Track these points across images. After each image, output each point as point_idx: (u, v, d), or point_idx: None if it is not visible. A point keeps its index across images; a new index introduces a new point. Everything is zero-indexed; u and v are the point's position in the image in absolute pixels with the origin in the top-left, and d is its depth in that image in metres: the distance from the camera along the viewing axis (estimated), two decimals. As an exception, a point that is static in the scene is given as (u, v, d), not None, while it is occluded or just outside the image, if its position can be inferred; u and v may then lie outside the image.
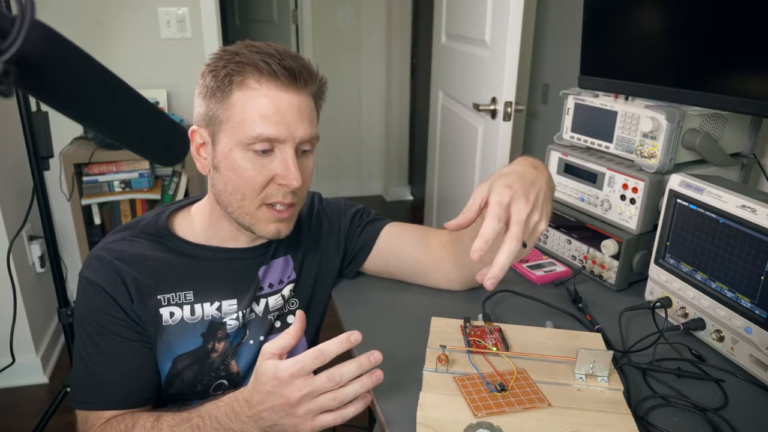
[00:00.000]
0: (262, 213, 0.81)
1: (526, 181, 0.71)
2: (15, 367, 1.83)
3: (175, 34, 2.26)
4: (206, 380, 0.87)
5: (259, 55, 0.76)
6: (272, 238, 0.84)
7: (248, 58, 0.76)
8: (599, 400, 0.68)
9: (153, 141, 0.69)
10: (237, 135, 0.77)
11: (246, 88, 0.76)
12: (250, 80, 0.76)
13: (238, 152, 0.78)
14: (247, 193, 0.79)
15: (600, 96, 1.09)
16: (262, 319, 0.91)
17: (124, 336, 0.81)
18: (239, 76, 0.76)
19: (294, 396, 0.65)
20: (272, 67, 0.75)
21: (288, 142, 0.77)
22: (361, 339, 0.66)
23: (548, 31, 2.31)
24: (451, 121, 2.25)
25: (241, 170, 0.78)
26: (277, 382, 0.65)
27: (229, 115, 0.77)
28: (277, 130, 0.76)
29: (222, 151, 0.79)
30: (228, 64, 0.76)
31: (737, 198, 0.78)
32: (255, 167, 0.78)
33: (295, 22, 3.63)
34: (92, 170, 2.05)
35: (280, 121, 0.76)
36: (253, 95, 0.76)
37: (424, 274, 0.98)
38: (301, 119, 0.77)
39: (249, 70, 0.76)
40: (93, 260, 0.82)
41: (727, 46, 0.89)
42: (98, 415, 0.80)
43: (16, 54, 0.38)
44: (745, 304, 0.77)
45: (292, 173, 0.77)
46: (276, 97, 0.76)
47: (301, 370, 0.65)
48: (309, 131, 0.79)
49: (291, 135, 0.77)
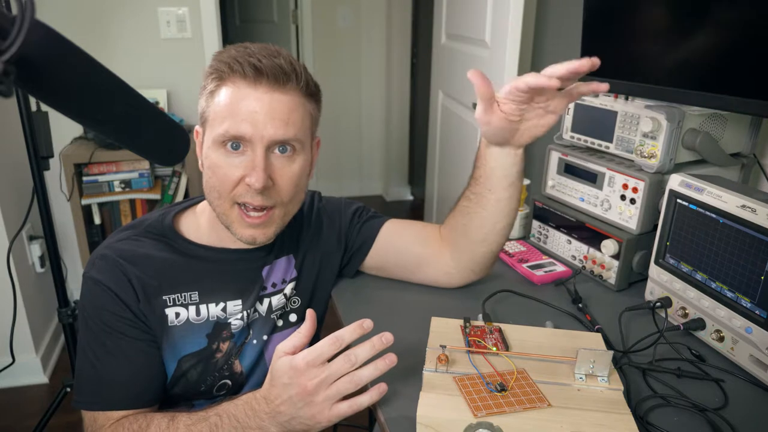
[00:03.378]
0: (235, 213, 0.81)
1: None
2: (15, 367, 1.83)
3: (175, 34, 2.26)
4: (210, 380, 0.87)
5: (237, 54, 0.76)
6: (248, 243, 0.83)
7: (227, 58, 0.77)
8: (599, 400, 0.68)
9: (153, 141, 0.69)
10: (212, 132, 0.78)
11: (223, 86, 0.77)
12: (228, 79, 0.77)
13: (213, 149, 0.79)
14: (222, 191, 0.80)
15: (600, 96, 1.09)
16: (265, 319, 0.91)
17: (130, 335, 0.81)
18: (219, 74, 0.77)
19: (311, 383, 0.66)
20: (242, 66, 0.75)
21: (256, 141, 0.76)
22: (372, 326, 0.68)
23: (548, 31, 2.31)
24: (451, 121, 2.25)
25: (215, 167, 0.79)
26: (293, 372, 0.67)
27: (209, 113, 0.79)
28: (243, 127, 0.75)
29: (205, 149, 0.81)
30: (213, 63, 0.78)
31: (737, 198, 0.78)
32: (227, 164, 0.78)
33: (295, 22, 3.62)
34: (92, 170, 2.05)
35: (247, 119, 0.75)
36: (227, 93, 0.77)
37: (423, 268, 0.98)
38: (272, 119, 0.76)
39: (224, 68, 0.76)
40: (98, 259, 0.82)
41: (727, 46, 0.89)
42: (107, 416, 0.80)
43: (16, 54, 0.38)
44: (745, 304, 0.77)
45: (255, 173, 0.76)
46: (247, 95, 0.76)
47: (318, 358, 0.67)
48: (282, 132, 0.77)
49: (258, 134, 0.76)
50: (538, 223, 1.20)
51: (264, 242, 0.83)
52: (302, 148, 0.81)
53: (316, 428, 0.70)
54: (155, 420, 0.77)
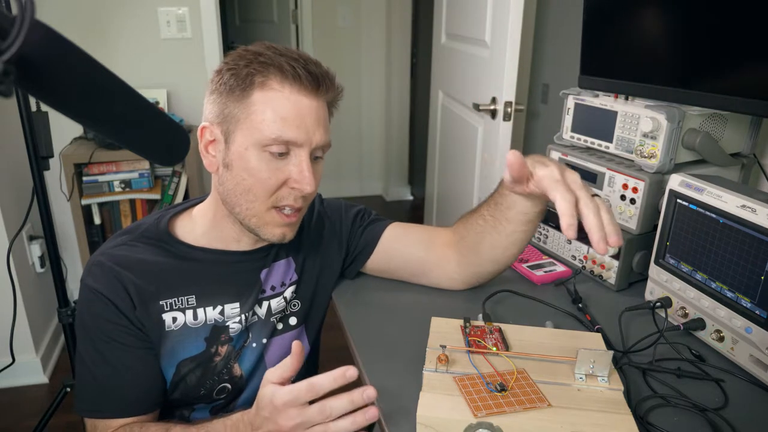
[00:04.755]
0: (271, 216, 0.81)
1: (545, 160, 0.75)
2: (15, 367, 1.82)
3: (175, 34, 2.26)
4: (210, 384, 0.87)
5: (284, 57, 0.76)
6: (277, 242, 0.84)
7: (272, 60, 0.75)
8: (599, 400, 0.68)
9: (153, 141, 0.68)
10: (255, 135, 0.76)
11: (268, 89, 0.75)
12: (273, 81, 0.75)
13: (253, 152, 0.77)
14: (259, 194, 0.79)
15: (600, 96, 1.09)
16: (264, 322, 0.91)
17: (127, 343, 0.81)
18: (261, 76, 0.75)
19: (287, 425, 0.66)
20: (297, 70, 0.74)
21: (305, 146, 0.77)
22: (356, 376, 0.66)
23: (548, 31, 2.31)
24: (451, 121, 2.25)
25: (254, 171, 0.77)
26: (273, 408, 0.67)
27: (247, 114, 0.76)
28: (296, 133, 0.76)
29: (237, 150, 0.78)
30: (251, 63, 0.76)
31: (737, 198, 0.78)
32: (269, 169, 0.77)
33: (295, 22, 3.63)
34: (92, 170, 2.05)
35: (300, 125, 0.76)
36: (275, 96, 0.75)
37: (427, 272, 0.98)
38: (318, 125, 0.78)
39: (273, 71, 0.75)
40: (94, 266, 0.82)
41: (727, 45, 0.89)
42: (106, 424, 0.81)
43: (16, 54, 0.38)
44: (745, 304, 0.77)
45: (306, 178, 0.77)
46: (298, 100, 0.76)
47: (294, 401, 0.65)
48: (325, 138, 0.79)
49: (308, 140, 0.77)
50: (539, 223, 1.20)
51: (291, 238, 0.85)
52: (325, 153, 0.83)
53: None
54: (150, 430, 0.78)
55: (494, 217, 0.87)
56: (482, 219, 0.89)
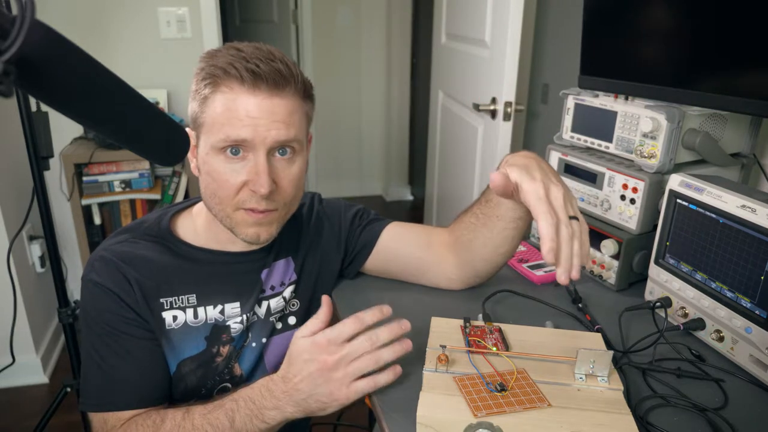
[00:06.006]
0: (240, 216, 0.80)
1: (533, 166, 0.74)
2: (15, 367, 1.83)
3: (175, 34, 2.26)
4: (210, 384, 0.87)
5: (232, 58, 0.75)
6: (252, 242, 0.82)
7: (221, 61, 0.75)
8: (599, 400, 0.68)
9: (153, 141, 0.68)
10: (210, 138, 0.77)
11: (219, 92, 0.75)
12: (222, 84, 0.75)
13: (212, 155, 0.77)
14: (223, 197, 0.79)
15: (600, 96, 1.09)
16: (264, 322, 0.91)
17: (135, 335, 0.81)
18: (213, 78, 0.75)
19: (332, 359, 0.69)
20: (239, 71, 0.74)
21: (258, 146, 0.76)
22: (391, 312, 0.72)
23: (548, 31, 2.31)
24: (451, 121, 2.25)
25: (215, 173, 0.78)
26: (314, 348, 0.69)
27: (204, 118, 0.77)
28: (245, 132, 0.74)
29: (201, 154, 0.80)
30: (206, 67, 0.76)
31: (737, 198, 0.78)
32: (227, 171, 0.77)
33: (295, 22, 3.63)
34: (92, 170, 2.05)
35: (249, 124, 0.74)
36: (223, 98, 0.75)
37: (425, 272, 0.98)
38: (273, 122, 0.75)
39: (220, 73, 0.75)
40: (96, 262, 0.82)
41: (727, 45, 0.89)
42: (118, 416, 0.80)
43: (16, 54, 0.38)
44: (745, 304, 0.77)
45: (260, 179, 0.75)
46: (245, 100, 0.74)
47: (339, 336, 0.69)
48: (284, 134, 0.76)
49: (261, 138, 0.75)
50: (538, 223, 1.20)
51: (267, 240, 0.83)
52: (301, 149, 0.81)
53: (332, 406, 0.72)
54: (169, 414, 0.77)
55: (485, 214, 0.87)
56: (474, 217, 0.90)
